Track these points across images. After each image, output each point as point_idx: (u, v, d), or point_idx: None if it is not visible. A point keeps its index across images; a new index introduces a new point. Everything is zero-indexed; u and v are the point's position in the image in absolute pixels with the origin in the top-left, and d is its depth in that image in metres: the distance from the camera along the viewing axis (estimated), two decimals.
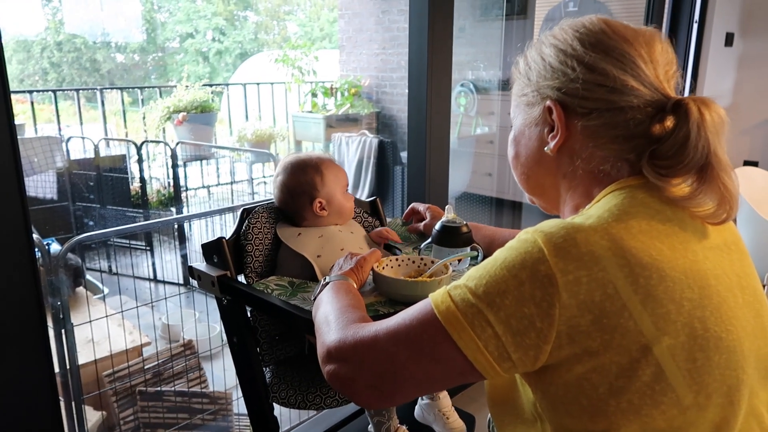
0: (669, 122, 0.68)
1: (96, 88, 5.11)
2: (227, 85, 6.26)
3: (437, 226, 1.19)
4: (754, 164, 3.76)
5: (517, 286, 0.61)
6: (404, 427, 1.29)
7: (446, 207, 1.23)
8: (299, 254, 1.22)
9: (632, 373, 0.60)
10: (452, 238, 1.17)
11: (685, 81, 3.19)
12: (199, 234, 4.13)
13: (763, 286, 1.40)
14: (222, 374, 2.15)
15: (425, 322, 0.65)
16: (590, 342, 0.60)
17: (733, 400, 0.64)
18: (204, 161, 4.92)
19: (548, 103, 0.74)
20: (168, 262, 3.78)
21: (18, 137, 1.03)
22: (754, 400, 0.68)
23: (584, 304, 0.60)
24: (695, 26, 3.26)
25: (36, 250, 1.58)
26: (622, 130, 0.70)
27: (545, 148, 0.76)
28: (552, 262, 0.60)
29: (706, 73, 3.38)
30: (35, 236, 1.58)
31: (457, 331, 0.63)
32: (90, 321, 1.91)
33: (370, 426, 1.30)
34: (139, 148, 4.27)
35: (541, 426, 0.71)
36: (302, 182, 1.28)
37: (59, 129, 4.63)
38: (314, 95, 5.30)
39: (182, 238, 3.87)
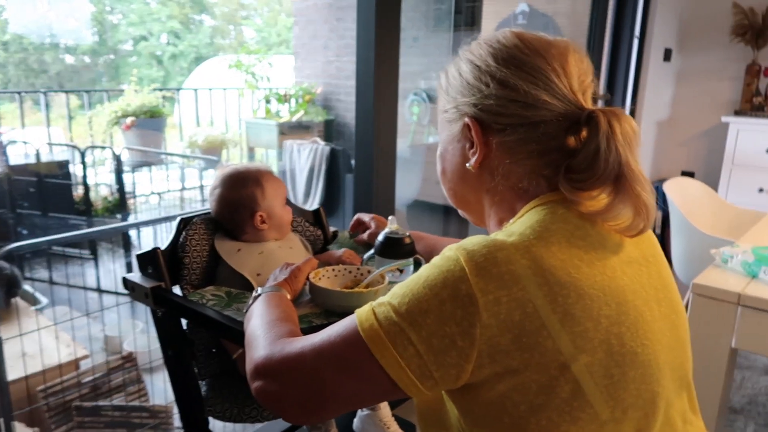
0: (584, 133, 0.68)
1: (40, 91, 4.92)
2: (178, 89, 6.14)
3: (380, 238, 1.19)
4: (691, 175, 3.93)
5: (438, 305, 0.62)
6: None
7: (389, 218, 1.24)
8: (239, 272, 1.21)
9: (551, 390, 0.61)
10: (395, 249, 1.17)
11: (626, 94, 3.30)
12: (148, 242, 4.03)
13: (688, 297, 1.46)
14: (163, 387, 2.10)
15: (349, 340, 0.65)
16: (510, 361, 0.61)
17: (648, 412, 0.65)
18: (153, 167, 4.81)
19: (466, 119, 0.74)
20: (111, 272, 3.67)
21: None
22: (670, 411, 0.69)
23: (504, 324, 0.60)
24: (636, 42, 3.39)
25: None
26: (536, 145, 0.70)
27: (467, 164, 0.76)
28: (473, 281, 0.61)
29: (646, 87, 3.52)
30: None
31: (380, 350, 0.63)
32: (21, 334, 1.84)
33: None
34: (83, 154, 4.13)
35: None
36: (242, 196, 1.26)
37: None
38: (268, 101, 5.25)
39: (128, 246, 3.76)
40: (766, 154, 3.35)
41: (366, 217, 1.42)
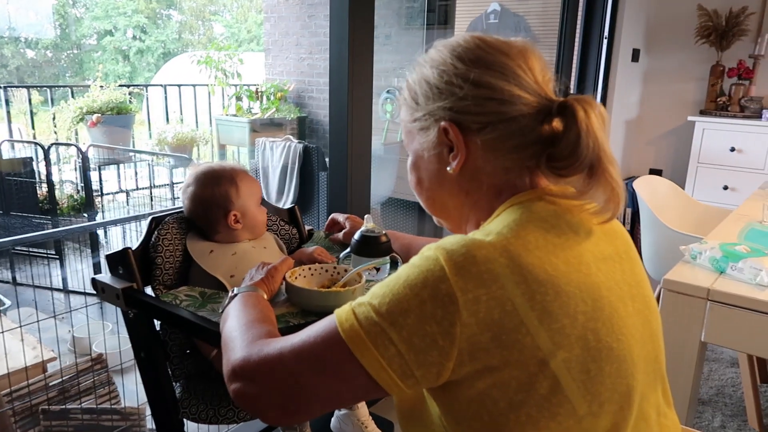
0: (556, 123, 0.71)
1: (0, 86, 4.77)
2: (146, 86, 6.02)
3: (356, 236, 1.18)
4: (659, 173, 4.02)
5: (419, 305, 0.62)
6: None
7: (365, 216, 1.23)
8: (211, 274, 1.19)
9: (530, 387, 0.62)
10: (371, 247, 1.17)
11: (596, 93, 3.34)
12: (116, 241, 3.94)
13: (659, 292, 1.49)
14: (135, 388, 2.05)
15: (329, 340, 0.65)
16: (490, 358, 0.61)
17: (624, 405, 0.67)
18: (121, 165, 4.70)
19: (443, 124, 0.74)
20: (79, 272, 3.58)
21: None
22: (644, 404, 0.71)
23: (484, 322, 0.61)
24: (605, 42, 3.45)
25: None
26: (518, 138, 0.72)
27: (447, 168, 0.76)
28: (452, 280, 0.61)
29: (615, 87, 3.58)
30: None
31: (361, 350, 0.63)
32: None
33: None
34: (47, 151, 4.02)
35: None
36: (216, 194, 1.24)
37: None
38: (239, 98, 5.19)
39: (95, 246, 3.67)
40: (731, 152, 3.45)
41: (341, 217, 1.41)
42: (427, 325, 0.61)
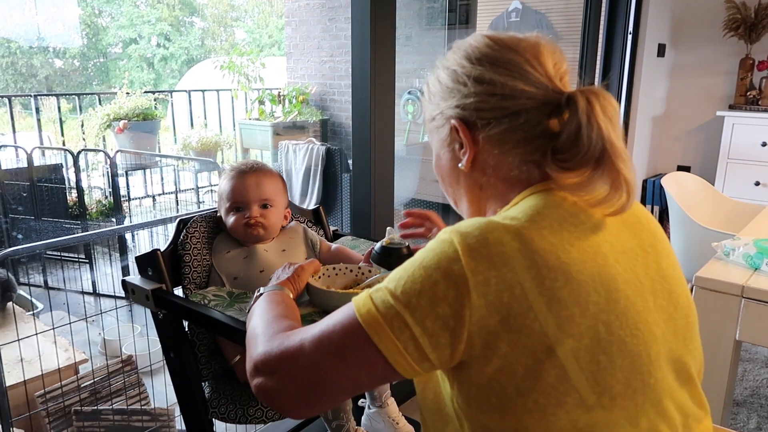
0: (566, 116, 0.70)
1: (30, 95, 4.88)
2: (171, 92, 6.11)
3: (376, 248, 1.17)
4: (687, 169, 3.94)
5: (431, 286, 0.63)
6: (362, 428, 1.28)
7: (387, 229, 1.22)
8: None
9: (537, 374, 0.62)
10: (392, 259, 1.16)
11: (621, 90, 3.30)
12: (144, 245, 4.00)
13: (691, 288, 1.46)
14: (164, 390, 2.08)
15: (348, 327, 0.66)
16: (498, 342, 0.62)
17: (639, 402, 0.65)
18: (147, 170, 4.78)
19: (452, 122, 0.77)
20: (109, 275, 3.64)
21: None
22: (666, 404, 0.69)
23: (493, 305, 0.61)
24: (629, 37, 3.40)
25: None
26: (522, 132, 0.72)
27: (459, 165, 0.78)
28: (464, 261, 0.62)
29: (641, 82, 3.52)
30: None
31: (378, 335, 0.64)
32: (18, 339, 1.82)
33: None
34: (76, 157, 4.10)
35: (459, 423, 0.72)
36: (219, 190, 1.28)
37: None
38: (261, 102, 5.23)
39: (123, 250, 3.74)
40: (762, 147, 3.37)
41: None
42: (438, 307, 0.62)
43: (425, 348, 0.63)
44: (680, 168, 3.98)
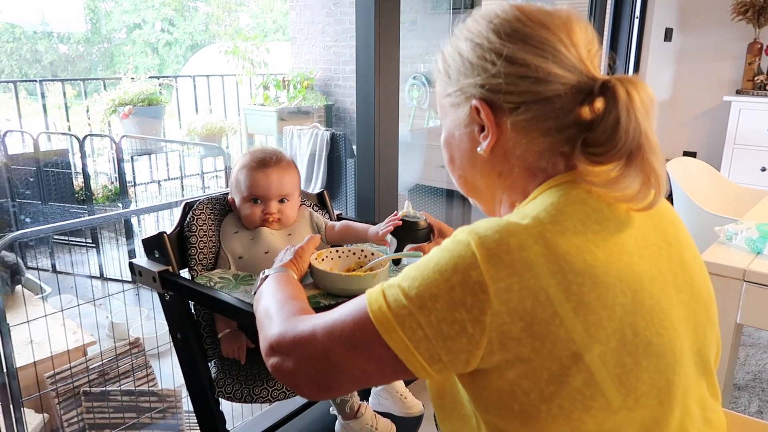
0: (599, 104, 0.65)
1: (36, 80, 4.89)
2: (176, 77, 6.10)
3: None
4: (693, 155, 3.93)
5: (448, 290, 0.60)
6: (366, 403, 1.30)
7: (405, 202, 1.23)
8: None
9: (563, 379, 0.60)
10: (410, 232, 1.16)
11: (627, 74, 3.30)
12: (151, 230, 4.03)
13: None
14: (171, 371, 2.11)
15: (359, 320, 0.65)
16: (521, 349, 0.60)
17: (663, 401, 0.64)
18: (152, 155, 4.79)
19: (474, 102, 0.70)
20: (115, 259, 3.67)
21: None
22: (687, 399, 0.67)
23: (515, 312, 0.59)
24: (636, 22, 3.37)
25: None
26: (552, 121, 0.67)
27: (478, 149, 0.72)
28: (484, 268, 0.59)
29: (647, 67, 3.50)
30: None
31: (388, 332, 0.62)
32: (27, 321, 1.84)
33: (332, 408, 1.30)
34: (81, 142, 4.12)
35: (476, 423, 0.71)
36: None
37: None
38: (266, 88, 5.22)
39: (129, 234, 3.76)
40: None
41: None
42: (456, 312, 0.60)
43: (438, 350, 0.61)
44: (686, 153, 3.97)
